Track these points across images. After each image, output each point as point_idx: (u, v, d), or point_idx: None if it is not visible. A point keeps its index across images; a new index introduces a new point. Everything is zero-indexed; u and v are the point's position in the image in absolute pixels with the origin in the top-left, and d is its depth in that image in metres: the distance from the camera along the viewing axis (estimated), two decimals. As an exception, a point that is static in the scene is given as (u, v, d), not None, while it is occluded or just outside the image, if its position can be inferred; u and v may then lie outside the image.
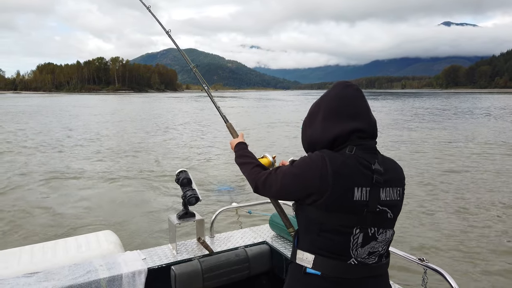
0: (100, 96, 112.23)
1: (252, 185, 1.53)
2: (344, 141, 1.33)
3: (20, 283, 1.90)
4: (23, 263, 2.16)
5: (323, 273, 1.29)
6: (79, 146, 14.45)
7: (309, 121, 1.44)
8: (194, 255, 2.27)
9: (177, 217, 2.31)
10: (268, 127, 21.73)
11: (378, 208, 1.29)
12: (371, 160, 1.32)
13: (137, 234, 5.45)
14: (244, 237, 2.57)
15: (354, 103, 1.37)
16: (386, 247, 1.37)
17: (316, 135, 1.38)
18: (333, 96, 1.38)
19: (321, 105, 1.40)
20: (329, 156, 1.29)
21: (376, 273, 1.34)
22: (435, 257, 4.72)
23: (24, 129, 20.23)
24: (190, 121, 25.72)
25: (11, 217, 6.18)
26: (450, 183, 8.42)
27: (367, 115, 1.37)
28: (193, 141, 15.70)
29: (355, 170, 1.27)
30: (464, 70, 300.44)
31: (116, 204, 6.93)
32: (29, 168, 10.10)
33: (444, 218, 6.18)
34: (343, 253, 1.29)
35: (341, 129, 1.33)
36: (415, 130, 19.41)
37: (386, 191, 1.31)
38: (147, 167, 10.27)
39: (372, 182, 1.28)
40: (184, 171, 2.31)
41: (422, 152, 12.77)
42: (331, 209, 1.26)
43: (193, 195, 2.22)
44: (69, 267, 2.06)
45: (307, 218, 1.33)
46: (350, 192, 1.25)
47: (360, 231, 1.28)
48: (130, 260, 2.16)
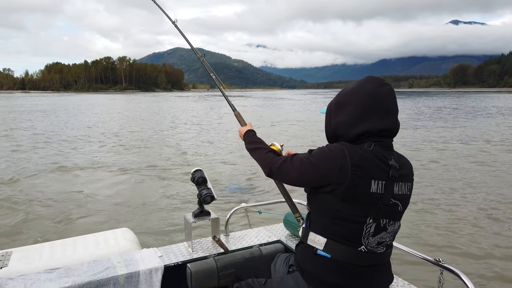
0: (109, 95, 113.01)
1: (266, 170, 1.56)
2: (367, 137, 1.37)
3: (42, 278, 1.94)
4: (44, 259, 2.20)
5: (333, 256, 1.35)
6: (97, 142, 14.59)
7: (336, 110, 1.44)
8: (210, 253, 2.29)
9: (192, 216, 2.33)
10: (282, 125, 21.70)
11: (391, 201, 1.35)
12: (388, 156, 1.36)
13: (153, 232, 5.50)
14: (258, 236, 2.58)
15: (388, 102, 1.39)
16: (393, 238, 1.44)
17: (343, 128, 1.40)
18: (367, 91, 1.38)
19: (351, 98, 1.40)
20: (349, 149, 1.33)
21: (381, 261, 1.41)
22: (451, 257, 4.66)
23: (52, 124, 20.45)
24: (202, 119, 25.76)
25: (32, 214, 6.33)
26: (472, 182, 8.35)
27: (396, 116, 1.41)
28: (204, 140, 15.76)
29: (373, 164, 1.32)
30: (472, 69, 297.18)
31: (133, 202, 7.00)
32: (50, 165, 10.28)
33: (463, 217, 6.12)
34: (355, 240, 1.34)
35: (371, 126, 1.36)
36: (432, 130, 19.25)
37: (399, 185, 1.37)
38: (162, 165, 10.34)
39: (388, 176, 1.33)
40: (199, 170, 2.33)
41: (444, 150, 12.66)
42: (348, 199, 1.30)
43: (208, 194, 2.23)
44: (88, 263, 2.10)
45: (322, 204, 1.38)
46: (367, 184, 1.30)
47: (373, 221, 1.33)
48: (147, 257, 2.19)
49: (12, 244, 5.04)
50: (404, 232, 5.33)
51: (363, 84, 1.41)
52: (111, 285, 1.96)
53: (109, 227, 5.05)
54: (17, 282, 1.92)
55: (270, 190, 7.36)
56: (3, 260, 2.16)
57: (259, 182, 8.22)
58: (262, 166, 1.60)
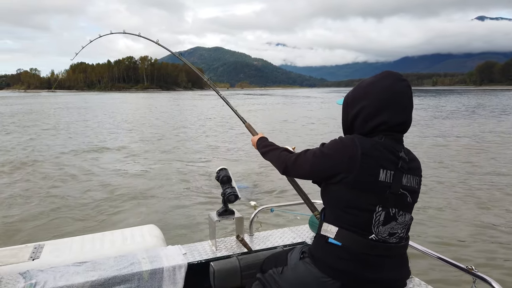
0: (133, 94, 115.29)
1: (281, 167, 1.61)
2: (380, 130, 1.40)
3: (70, 271, 2.01)
4: (74, 252, 2.27)
5: (343, 244, 1.38)
6: (127, 138, 15.13)
7: (353, 103, 1.47)
8: (233, 252, 2.29)
9: (217, 214, 2.33)
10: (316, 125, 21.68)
11: (400, 191, 1.38)
12: (398, 149, 1.40)
13: (178, 229, 5.59)
14: (283, 237, 2.55)
15: (405, 98, 1.41)
16: (406, 230, 1.44)
17: (359, 120, 1.43)
18: (385, 86, 1.40)
19: (369, 91, 1.42)
20: (359, 139, 1.37)
21: (394, 253, 1.41)
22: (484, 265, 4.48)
23: (98, 120, 21.04)
24: (225, 119, 25.92)
25: (66, 208, 6.63)
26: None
27: (410, 112, 1.43)
28: (231, 138, 15.89)
29: (382, 154, 1.36)
30: (499, 66, 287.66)
31: (160, 198, 7.18)
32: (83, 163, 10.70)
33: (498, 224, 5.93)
34: (365, 228, 1.36)
35: (385, 120, 1.39)
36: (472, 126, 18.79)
37: (407, 177, 1.40)
38: (188, 162, 10.55)
39: (397, 166, 1.37)
40: (224, 168, 2.34)
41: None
42: (357, 187, 1.34)
43: (232, 193, 2.24)
44: (115, 258, 2.15)
45: (334, 196, 1.42)
46: (375, 172, 1.34)
47: (382, 210, 1.36)
48: (171, 254, 2.22)
49: (46, 236, 5.30)
50: (432, 234, 5.23)
51: (381, 79, 1.43)
52: (136, 281, 2.00)
53: (136, 223, 5.22)
54: (47, 274, 1.99)
55: (286, 190, 7.37)
56: (35, 252, 2.23)
57: (263, 182, 8.30)
58: (277, 164, 1.66)
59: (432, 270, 3.98)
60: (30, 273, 1.99)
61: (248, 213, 2.61)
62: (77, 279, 1.93)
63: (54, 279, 1.93)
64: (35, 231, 5.67)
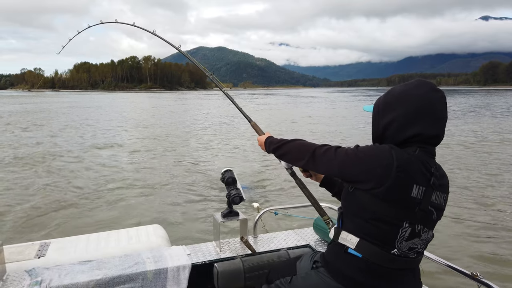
0: (139, 94, 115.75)
1: (305, 156, 1.49)
2: (414, 142, 1.36)
3: (75, 269, 2.03)
4: (79, 251, 2.29)
5: (364, 256, 1.34)
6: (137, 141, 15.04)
7: (385, 111, 1.40)
8: (237, 254, 2.30)
9: (221, 215, 2.33)
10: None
11: (429, 208, 1.33)
12: (431, 163, 1.36)
13: (183, 229, 5.62)
14: (287, 239, 2.55)
15: (440, 109, 1.36)
16: (425, 246, 1.42)
17: (392, 129, 1.37)
18: (421, 95, 1.34)
19: (403, 100, 1.36)
20: (396, 150, 1.32)
21: (411, 267, 1.40)
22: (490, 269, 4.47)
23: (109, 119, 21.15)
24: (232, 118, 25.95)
25: (71, 208, 6.69)
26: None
27: (444, 124, 1.38)
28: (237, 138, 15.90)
29: (417, 168, 1.31)
30: (504, 66, 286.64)
31: (165, 199, 7.20)
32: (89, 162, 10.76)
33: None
34: (388, 243, 1.33)
35: (421, 131, 1.33)
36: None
37: (437, 194, 1.35)
38: (193, 162, 10.57)
39: (429, 183, 1.32)
40: (229, 170, 2.34)
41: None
42: (388, 200, 1.29)
43: (237, 194, 2.24)
44: (120, 257, 2.17)
45: (359, 204, 1.35)
46: (409, 187, 1.29)
47: (409, 226, 1.32)
48: (175, 254, 2.23)
49: (52, 234, 5.39)
50: (440, 240, 5.16)
51: (415, 87, 1.37)
52: (140, 280, 2.02)
53: (141, 223, 5.25)
54: (52, 272, 2.00)
55: (289, 191, 7.37)
56: (41, 250, 2.25)
57: (264, 183, 8.29)
58: (300, 153, 1.53)
59: (436, 276, 3.95)
60: (35, 271, 2.01)
61: (251, 215, 2.60)
62: (82, 277, 1.95)
63: (59, 277, 1.95)
64: (41, 228, 5.74)
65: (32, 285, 1.88)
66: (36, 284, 1.89)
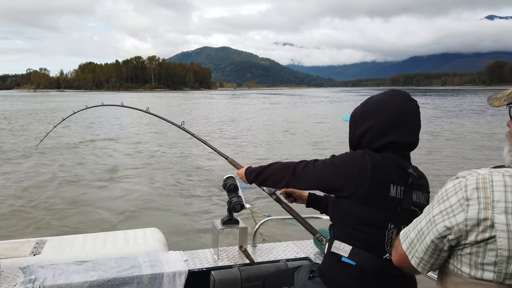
0: (145, 94, 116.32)
1: (286, 174, 1.53)
2: (389, 148, 1.40)
3: (70, 269, 2.00)
4: (75, 250, 2.27)
5: (358, 264, 1.35)
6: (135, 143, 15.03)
7: (361, 120, 1.46)
8: (235, 263, 2.25)
9: (221, 222, 2.28)
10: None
11: (411, 207, 1.37)
12: (407, 165, 1.41)
13: (181, 234, 5.55)
14: (286, 250, 2.48)
15: (414, 118, 1.42)
16: None
17: (367, 138, 1.43)
18: (395, 105, 1.40)
19: (378, 109, 1.42)
20: (369, 154, 1.37)
21: (405, 273, 1.36)
22: None
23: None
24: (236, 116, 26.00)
25: (71, 207, 6.71)
26: None
27: (418, 131, 1.44)
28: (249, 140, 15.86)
29: (392, 169, 1.35)
30: (509, 65, 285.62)
31: (164, 203, 7.16)
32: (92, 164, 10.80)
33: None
34: (378, 247, 1.35)
35: (395, 139, 1.38)
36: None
37: (417, 194, 1.40)
38: (195, 167, 10.54)
39: (407, 183, 1.37)
40: (231, 177, 2.28)
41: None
42: (368, 203, 1.32)
43: (238, 202, 2.18)
44: (116, 259, 2.13)
45: (344, 212, 1.39)
46: (386, 188, 1.33)
47: (394, 227, 1.34)
48: (172, 260, 2.19)
49: (48, 231, 5.40)
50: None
51: (390, 97, 1.43)
52: (135, 284, 1.99)
53: (139, 225, 5.18)
54: (46, 270, 1.98)
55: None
56: (37, 248, 2.24)
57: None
58: (282, 172, 1.57)
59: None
60: (30, 269, 1.99)
61: (251, 222, 2.54)
62: (76, 278, 1.92)
63: (54, 277, 1.92)
64: (38, 225, 5.75)
65: (26, 283, 1.86)
66: (29, 282, 1.87)
